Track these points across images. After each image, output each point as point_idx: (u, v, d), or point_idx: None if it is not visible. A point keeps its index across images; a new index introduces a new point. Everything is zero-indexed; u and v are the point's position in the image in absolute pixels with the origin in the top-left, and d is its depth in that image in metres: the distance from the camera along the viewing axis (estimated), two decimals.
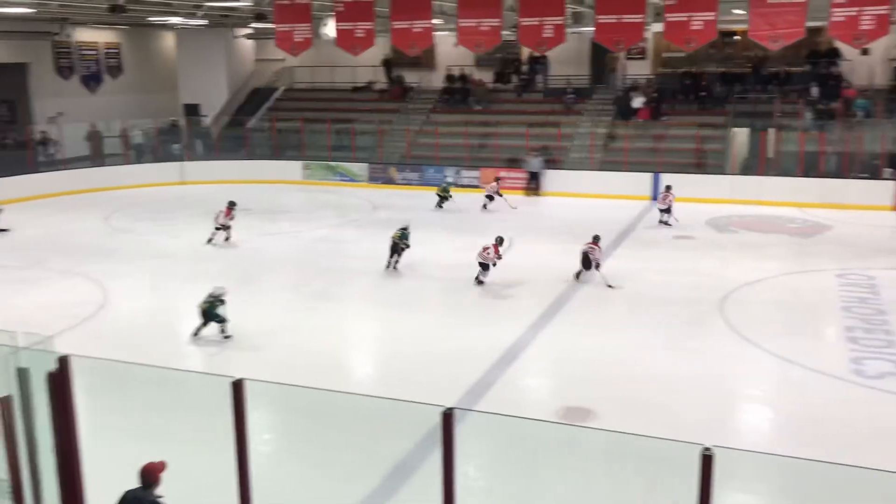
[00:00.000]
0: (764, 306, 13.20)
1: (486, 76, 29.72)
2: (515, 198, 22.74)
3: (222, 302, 11.44)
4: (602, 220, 17.59)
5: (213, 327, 11.44)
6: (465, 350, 11.03)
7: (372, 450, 7.82)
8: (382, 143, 27.68)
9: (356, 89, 30.85)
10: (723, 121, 25.26)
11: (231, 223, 17.85)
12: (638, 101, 25.95)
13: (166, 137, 28.74)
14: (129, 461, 5.71)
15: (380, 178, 26.52)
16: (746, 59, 27.28)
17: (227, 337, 11.43)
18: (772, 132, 23.86)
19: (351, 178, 26.77)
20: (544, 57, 27.48)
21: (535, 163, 24.42)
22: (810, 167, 22.78)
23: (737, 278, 14.52)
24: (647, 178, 23.28)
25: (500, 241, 14.88)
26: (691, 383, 10.00)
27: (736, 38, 27.45)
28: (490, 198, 22.24)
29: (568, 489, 6.98)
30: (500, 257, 14.53)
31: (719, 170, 23.74)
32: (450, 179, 24.41)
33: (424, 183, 25.66)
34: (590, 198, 23.00)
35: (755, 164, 23.69)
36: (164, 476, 5.61)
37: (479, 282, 14.48)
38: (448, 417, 4.51)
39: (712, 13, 17.93)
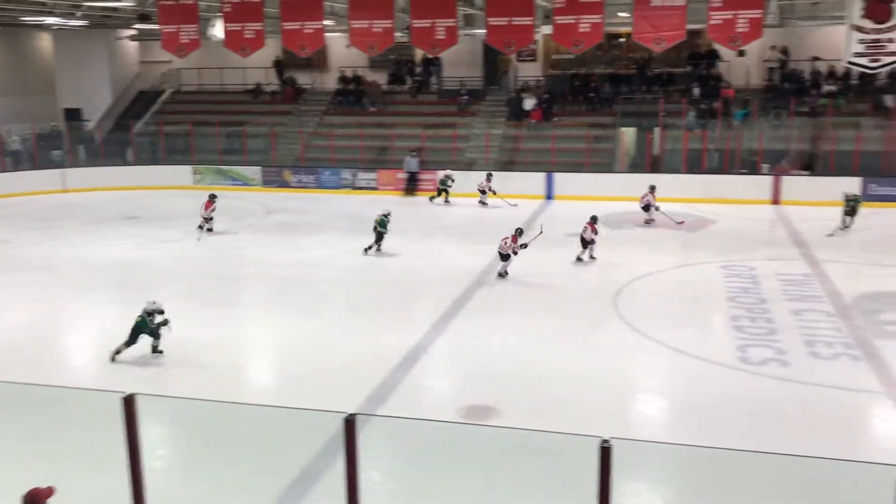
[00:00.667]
0: (656, 299, 13.68)
1: (380, 78, 29.64)
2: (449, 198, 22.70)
3: (157, 316, 10.79)
4: (499, 220, 17.84)
5: (142, 346, 10.87)
6: (367, 354, 10.94)
7: (273, 461, 7.65)
8: (276, 145, 27.20)
9: (248, 92, 30.19)
10: (611, 121, 26.05)
11: (213, 215, 18.42)
12: (530, 103, 26.45)
13: (46, 143, 27.33)
14: (14, 487, 5.38)
15: (274, 181, 26.04)
16: (632, 61, 28.23)
17: (157, 352, 10.83)
18: (657, 131, 24.79)
19: (244, 182, 26.17)
20: (438, 58, 27.66)
21: (412, 163, 24.46)
22: (694, 164, 23.78)
23: (629, 273, 14.99)
24: (541, 177, 23.76)
25: (519, 232, 14.98)
26: (590, 377, 10.24)
27: (621, 40, 28.36)
28: (483, 192, 22.58)
29: (473, 488, 7.02)
30: (524, 246, 14.67)
31: (609, 168, 24.47)
32: (450, 173, 23.76)
33: (320, 185, 25.39)
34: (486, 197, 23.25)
35: (642, 163, 24.55)
36: (53, 501, 5.31)
37: (501, 274, 14.66)
38: (350, 424, 4.44)
39: (599, 16, 18.47)
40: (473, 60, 29.26)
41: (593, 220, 16.01)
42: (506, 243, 14.66)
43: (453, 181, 23.21)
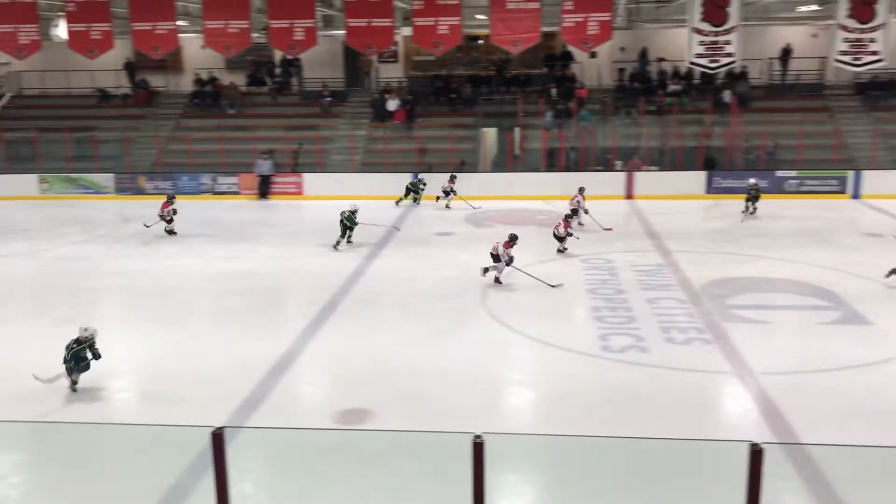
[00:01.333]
0: (521, 294, 14.03)
1: (238, 79, 28.90)
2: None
3: (88, 347, 9.76)
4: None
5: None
6: (235, 364, 10.64)
7: (139, 480, 7.31)
8: (129, 151, 25.98)
9: (97, 95, 28.69)
10: (473, 121, 26.55)
11: (173, 216, 17.96)
12: (393, 104, 26.53)
13: None
14: None
15: (129, 188, 24.89)
16: (491, 63, 28.87)
17: (74, 388, 9.74)
18: (517, 131, 25.48)
19: (96, 191, 24.87)
20: (298, 59, 27.29)
21: (264, 166, 24.02)
22: (552, 162, 24.60)
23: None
24: (407, 178, 23.89)
25: (513, 238, 14.64)
26: (461, 373, 10.38)
27: (480, 42, 28.95)
28: (447, 193, 22.24)
29: (348, 493, 6.97)
30: (510, 260, 14.28)
31: (473, 168, 24.92)
32: (422, 177, 23.59)
33: (178, 191, 24.47)
34: (352, 199, 23.12)
35: (504, 162, 25.16)
36: None
37: (486, 270, 14.42)
38: (218, 438, 4.32)
39: (457, 18, 18.79)
40: (334, 62, 29.06)
41: (567, 217, 16.58)
42: (497, 248, 14.49)
43: (424, 185, 22.94)
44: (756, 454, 3.52)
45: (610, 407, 9.34)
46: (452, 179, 22.64)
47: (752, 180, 20.99)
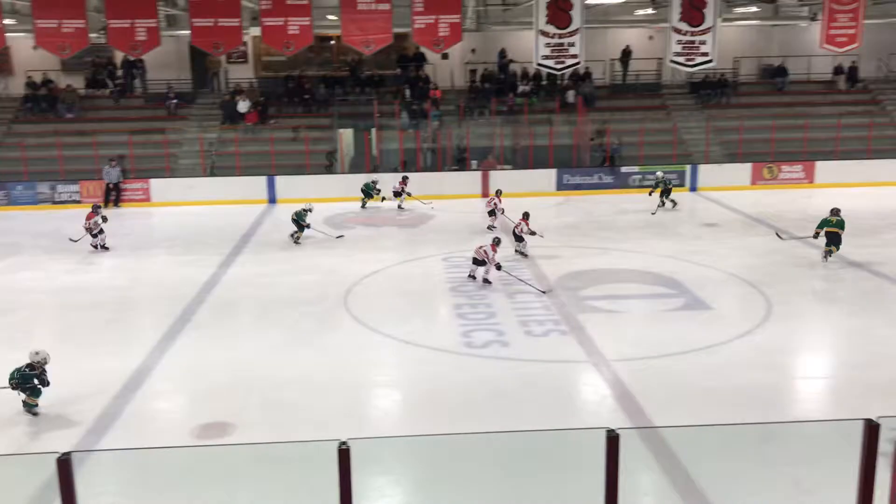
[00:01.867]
0: (383, 295, 14.03)
1: (76, 82, 27.25)
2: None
3: (41, 371, 9.12)
4: (220, 227, 17.24)
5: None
6: (84, 384, 10.01)
7: None
8: None
9: None
10: (328, 122, 26.29)
11: (101, 228, 16.43)
12: (244, 106, 25.85)
13: None
14: None
15: None
16: (344, 63, 28.69)
17: (33, 411, 9.15)
18: (374, 132, 25.46)
19: None
20: (141, 61, 26.10)
21: (112, 173, 22.80)
22: (410, 162, 24.75)
23: (357, 272, 15.23)
24: (262, 181, 23.36)
25: (497, 241, 14.34)
26: (325, 379, 10.25)
27: (332, 42, 28.71)
28: (398, 194, 21.93)
29: None
30: (498, 267, 14.09)
31: (330, 169, 24.68)
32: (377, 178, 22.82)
33: (12, 202, 22.83)
34: (204, 205, 22.39)
35: (362, 163, 25.07)
36: None
37: (472, 278, 14.29)
38: (64, 464, 4.05)
39: (307, 18, 18.53)
40: (181, 63, 27.98)
41: (525, 215, 16.38)
42: (484, 252, 14.17)
43: (379, 190, 22.28)
44: (612, 440, 3.67)
45: (475, 402, 9.49)
46: (404, 181, 22.32)
47: (659, 173, 21.81)
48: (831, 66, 28.36)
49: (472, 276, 14.48)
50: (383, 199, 22.35)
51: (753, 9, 24.45)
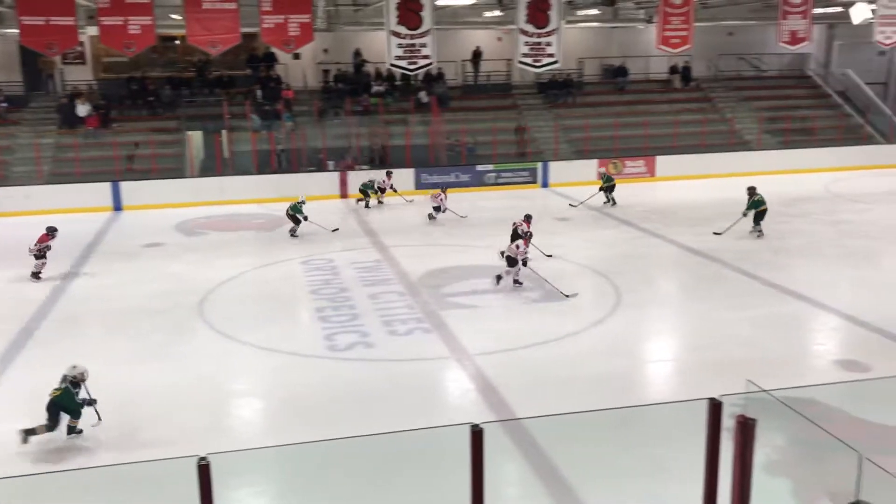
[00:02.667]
0: (241, 302, 13.64)
1: None
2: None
3: (78, 386, 8.29)
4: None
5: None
6: None
7: None
8: None
9: None
10: (175, 125, 25.28)
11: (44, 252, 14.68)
12: (83, 109, 24.42)
13: None
14: None
15: None
16: (190, 64, 27.66)
17: (77, 431, 8.49)
18: (225, 134, 24.69)
19: None
20: None
21: None
22: (264, 165, 24.19)
23: (211, 278, 14.72)
24: (105, 187, 22.14)
25: (529, 236, 13.91)
26: (181, 391, 9.85)
27: (177, 42, 27.59)
28: (382, 191, 22.05)
29: None
30: (525, 260, 13.70)
31: (179, 173, 23.73)
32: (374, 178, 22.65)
33: None
34: (43, 214, 20.94)
35: (213, 166, 24.26)
36: None
37: (518, 282, 13.73)
38: None
39: (148, 17, 17.68)
40: (10, 64, 26.08)
41: (527, 218, 15.61)
42: (517, 248, 13.63)
43: (377, 188, 22.20)
44: (476, 434, 3.71)
45: (340, 406, 9.39)
46: (389, 175, 22.37)
47: (601, 169, 22.06)
48: (667, 67, 30.08)
49: (500, 277, 13.87)
50: (380, 201, 22.29)
51: (594, 11, 25.51)
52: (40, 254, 14.84)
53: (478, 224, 19.77)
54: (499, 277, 13.87)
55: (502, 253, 13.94)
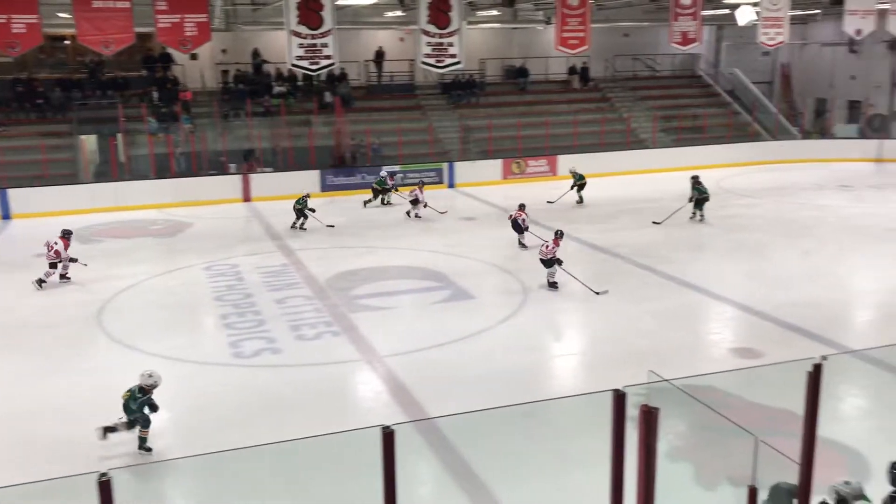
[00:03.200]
0: (142, 311, 13.20)
1: None
2: None
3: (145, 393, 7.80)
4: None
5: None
6: None
7: None
8: None
9: None
10: (67, 129, 24.24)
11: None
12: None
13: None
14: None
15: None
16: (81, 65, 26.56)
17: (146, 449, 8.06)
18: (120, 137, 23.83)
19: None
20: None
21: None
22: (163, 169, 23.47)
23: (110, 288, 14.19)
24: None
25: (559, 234, 14.16)
26: (85, 406, 9.45)
27: (67, 42, 26.47)
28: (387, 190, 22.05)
29: None
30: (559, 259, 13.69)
31: (73, 179, 22.77)
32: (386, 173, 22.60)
33: None
34: None
35: (108, 171, 23.37)
36: None
37: (552, 284, 13.62)
38: None
39: (34, 16, 16.92)
40: None
41: (521, 207, 16.69)
42: (546, 247, 13.51)
43: (394, 187, 22.14)
44: (388, 436, 3.71)
45: (249, 414, 9.21)
46: (392, 176, 22.51)
47: (572, 167, 22.16)
48: (566, 67, 30.77)
49: (553, 283, 13.72)
50: (384, 201, 22.15)
51: (494, 12, 25.87)
52: (64, 261, 14.55)
53: (386, 225, 19.74)
54: (552, 285, 13.74)
55: (521, 243, 15.51)
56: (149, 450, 8.15)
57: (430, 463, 7.87)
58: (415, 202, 20.19)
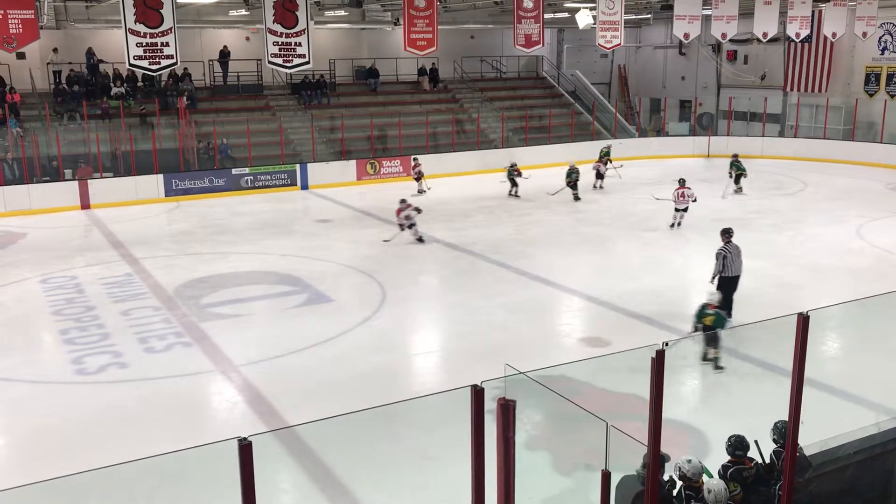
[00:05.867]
0: None
1: None
2: None
3: None
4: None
5: None
6: None
7: None
8: None
9: None
10: None
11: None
12: None
13: None
14: None
15: None
16: None
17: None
18: None
19: None
20: None
21: None
22: None
23: None
24: None
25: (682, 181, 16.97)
26: None
27: None
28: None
29: None
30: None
31: None
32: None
33: None
34: None
35: None
36: None
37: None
38: None
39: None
40: None
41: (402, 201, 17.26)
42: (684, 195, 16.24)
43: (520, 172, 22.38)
44: (245, 448, 3.61)
45: (96, 433, 8.72)
46: (417, 162, 23.83)
47: (572, 161, 22.58)
48: (416, 68, 31.04)
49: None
50: (511, 187, 22.57)
51: (342, 12, 25.70)
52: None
53: (237, 230, 19.20)
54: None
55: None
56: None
57: (292, 471, 7.74)
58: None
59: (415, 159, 24.51)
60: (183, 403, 9.54)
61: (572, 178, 21.90)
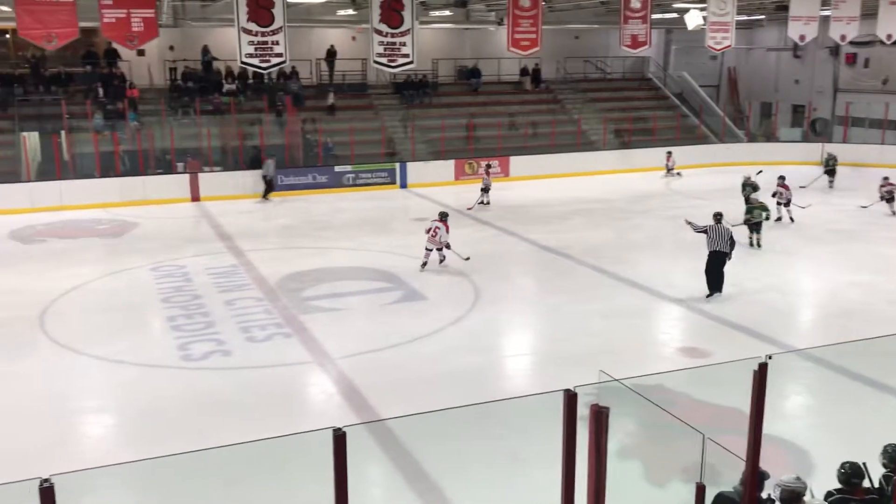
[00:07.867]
0: (86, 313, 12.89)
1: None
2: None
3: None
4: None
5: None
6: None
7: None
8: None
9: None
10: (8, 125, 23.55)
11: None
12: None
13: None
14: None
15: None
16: (23, 60, 25.85)
17: None
18: (63, 135, 23.24)
19: None
20: None
21: None
22: (108, 167, 22.95)
23: (52, 289, 13.82)
24: None
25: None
26: (28, 410, 9.21)
27: (7, 36, 25.74)
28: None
29: None
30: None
31: (15, 178, 22.11)
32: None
33: None
34: None
35: (52, 169, 22.76)
36: None
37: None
38: None
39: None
40: None
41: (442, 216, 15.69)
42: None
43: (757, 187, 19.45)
44: (339, 438, 3.67)
45: (197, 417, 9.07)
46: (487, 170, 23.00)
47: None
48: (518, 68, 30.95)
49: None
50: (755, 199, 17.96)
51: (447, 12, 25.88)
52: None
53: (337, 226, 19.61)
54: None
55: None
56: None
57: (383, 465, 7.84)
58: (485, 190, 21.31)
59: (488, 166, 23.50)
60: (281, 392, 9.81)
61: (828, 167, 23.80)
